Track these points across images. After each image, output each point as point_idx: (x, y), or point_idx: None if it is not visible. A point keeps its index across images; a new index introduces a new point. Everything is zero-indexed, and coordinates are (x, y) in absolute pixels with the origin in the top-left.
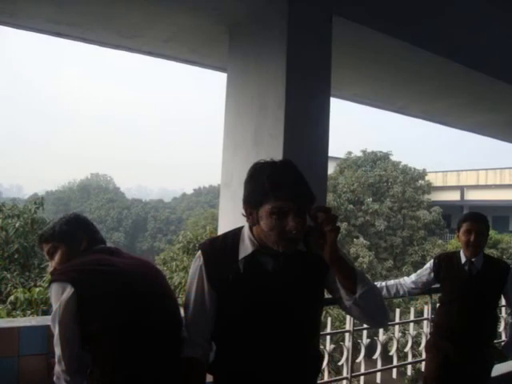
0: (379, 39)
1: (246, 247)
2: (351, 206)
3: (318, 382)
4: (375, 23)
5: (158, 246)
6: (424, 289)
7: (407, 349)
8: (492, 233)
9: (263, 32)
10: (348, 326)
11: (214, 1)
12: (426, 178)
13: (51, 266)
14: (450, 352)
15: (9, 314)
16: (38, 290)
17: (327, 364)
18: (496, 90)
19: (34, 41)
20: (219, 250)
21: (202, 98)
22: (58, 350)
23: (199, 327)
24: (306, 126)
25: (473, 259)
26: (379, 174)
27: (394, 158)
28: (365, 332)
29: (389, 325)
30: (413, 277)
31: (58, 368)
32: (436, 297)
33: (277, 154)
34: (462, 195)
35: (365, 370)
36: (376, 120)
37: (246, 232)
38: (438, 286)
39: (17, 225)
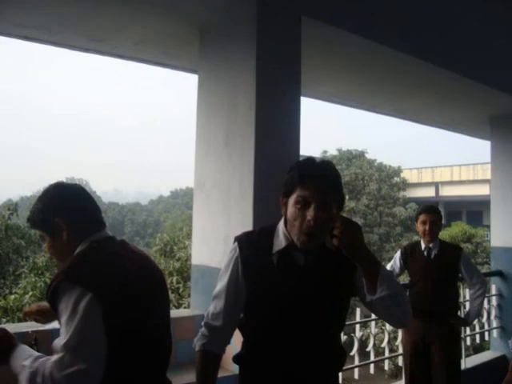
0: (348, 39)
1: (280, 242)
2: None
3: None
4: (344, 23)
5: None
6: (397, 277)
7: (384, 344)
8: (466, 227)
9: (233, 34)
10: None
11: (183, 4)
12: (402, 175)
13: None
14: (422, 329)
15: None
16: (13, 297)
17: None
18: (466, 88)
19: (2, 42)
20: (254, 244)
21: (178, 98)
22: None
23: (229, 317)
24: (278, 126)
25: (430, 245)
26: (355, 172)
27: (369, 155)
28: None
29: (365, 321)
30: (388, 268)
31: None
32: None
33: (248, 155)
34: (437, 191)
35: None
36: (351, 118)
37: (281, 227)
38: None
39: None
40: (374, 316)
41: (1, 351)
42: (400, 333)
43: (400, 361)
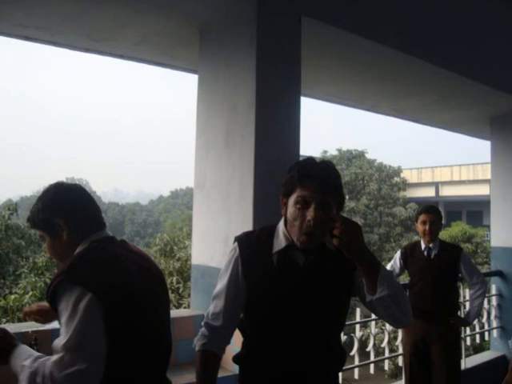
0: (348, 39)
1: (280, 242)
2: None
3: None
4: (344, 23)
5: None
6: (398, 277)
7: (384, 344)
8: (466, 227)
9: (233, 34)
10: None
11: (183, 4)
12: (402, 174)
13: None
14: (422, 329)
15: None
16: (13, 297)
17: None
18: (466, 88)
19: (2, 42)
20: (254, 244)
21: (178, 98)
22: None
23: (229, 317)
24: (277, 126)
25: (430, 245)
26: (355, 172)
27: (369, 155)
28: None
29: (365, 321)
30: (388, 268)
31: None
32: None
33: (248, 155)
34: (437, 191)
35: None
36: (351, 118)
37: (281, 227)
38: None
39: None
40: (373, 316)
41: (1, 351)
42: (400, 333)
43: (400, 361)
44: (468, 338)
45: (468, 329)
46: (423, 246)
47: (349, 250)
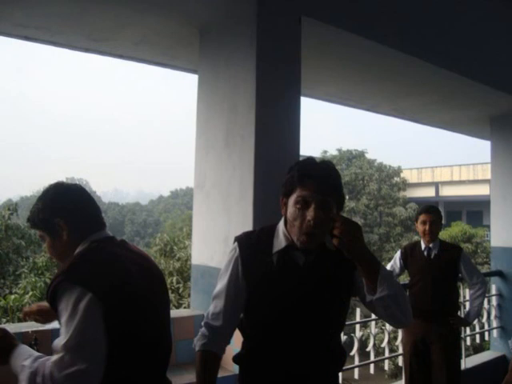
0: (348, 39)
1: (280, 242)
2: None
3: None
4: (344, 23)
5: None
6: (398, 277)
7: (384, 344)
8: (466, 227)
9: (233, 34)
10: None
11: (183, 4)
12: (402, 174)
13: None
14: (422, 329)
15: None
16: (13, 297)
17: None
18: (466, 88)
19: (2, 42)
20: (254, 244)
21: (179, 98)
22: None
23: (229, 317)
24: (277, 126)
25: (430, 245)
26: (355, 172)
27: (369, 155)
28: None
29: (365, 321)
30: (388, 268)
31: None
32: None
33: (248, 155)
34: (437, 191)
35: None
36: (351, 118)
37: (281, 227)
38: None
39: None
40: (374, 316)
41: (1, 351)
42: (400, 333)
43: (400, 361)
44: (468, 338)
45: (468, 329)
46: (423, 246)
47: (349, 249)
